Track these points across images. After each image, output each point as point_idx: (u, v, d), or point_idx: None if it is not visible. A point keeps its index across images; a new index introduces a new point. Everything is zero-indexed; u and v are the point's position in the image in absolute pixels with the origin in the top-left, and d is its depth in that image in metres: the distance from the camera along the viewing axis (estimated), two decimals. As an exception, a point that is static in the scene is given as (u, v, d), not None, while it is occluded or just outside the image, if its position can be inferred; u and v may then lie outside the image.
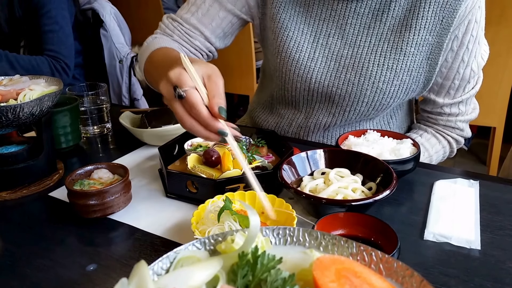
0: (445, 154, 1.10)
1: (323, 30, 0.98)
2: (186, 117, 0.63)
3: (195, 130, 0.64)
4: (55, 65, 1.75)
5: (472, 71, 0.98)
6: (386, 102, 0.97)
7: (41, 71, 1.72)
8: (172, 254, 0.38)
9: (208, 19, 1.05)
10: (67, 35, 1.80)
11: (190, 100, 0.61)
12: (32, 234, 0.74)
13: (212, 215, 0.66)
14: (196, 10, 1.05)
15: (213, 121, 0.62)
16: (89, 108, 1.12)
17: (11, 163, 0.85)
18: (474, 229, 0.70)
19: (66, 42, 1.79)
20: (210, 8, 1.04)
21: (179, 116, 0.64)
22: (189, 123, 0.63)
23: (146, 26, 2.82)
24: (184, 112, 0.63)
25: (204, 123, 0.62)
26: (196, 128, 0.63)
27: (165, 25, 1.09)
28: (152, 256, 0.66)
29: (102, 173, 0.80)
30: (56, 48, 1.76)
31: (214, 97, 0.62)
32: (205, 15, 1.05)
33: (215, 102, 0.62)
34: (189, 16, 1.06)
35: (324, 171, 0.79)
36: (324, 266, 0.36)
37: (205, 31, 1.06)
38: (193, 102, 0.61)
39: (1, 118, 0.79)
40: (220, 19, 1.05)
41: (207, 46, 1.08)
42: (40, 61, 1.73)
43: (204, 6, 1.05)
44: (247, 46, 2.36)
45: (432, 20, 0.91)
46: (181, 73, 0.63)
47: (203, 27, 1.05)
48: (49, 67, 1.74)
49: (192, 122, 0.63)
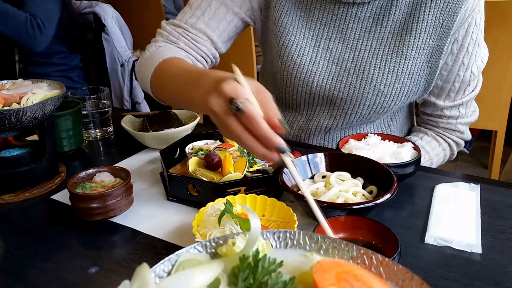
0: (446, 156, 1.10)
1: (325, 34, 0.99)
2: (244, 133, 0.57)
3: (254, 147, 0.58)
4: (31, 20, 1.77)
5: (472, 74, 0.99)
6: (388, 105, 0.98)
7: (17, 20, 1.75)
8: (174, 256, 0.39)
9: (215, 23, 1.02)
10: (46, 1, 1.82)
11: (249, 112, 0.56)
12: (34, 237, 0.74)
13: (213, 218, 0.66)
14: (202, 14, 1.02)
15: (273, 135, 0.56)
16: (91, 112, 1.13)
17: (14, 166, 0.86)
18: (475, 233, 0.70)
19: (45, 6, 1.81)
20: (216, 11, 1.02)
21: (236, 132, 0.58)
22: (249, 139, 0.57)
23: (148, 30, 2.82)
24: (241, 128, 0.57)
25: (264, 137, 0.56)
26: (255, 146, 0.57)
27: (168, 32, 1.04)
28: (154, 259, 0.67)
29: (104, 176, 0.80)
30: (34, 8, 1.78)
31: (271, 109, 0.58)
32: (212, 18, 1.02)
33: (273, 115, 0.57)
34: (195, 20, 1.03)
35: (324, 175, 0.79)
36: (324, 269, 0.36)
37: (212, 35, 1.03)
38: (252, 114, 0.56)
39: (4, 122, 0.80)
40: (227, 22, 1.03)
41: (213, 52, 1.05)
42: (18, 12, 1.75)
43: (210, 10, 1.02)
44: (248, 50, 2.36)
45: (433, 23, 0.91)
46: (236, 85, 0.58)
47: (210, 31, 1.03)
48: (25, 19, 1.76)
49: (251, 139, 0.57)
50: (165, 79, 0.88)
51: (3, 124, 0.80)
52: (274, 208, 0.72)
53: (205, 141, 0.95)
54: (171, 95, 0.86)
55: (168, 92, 0.88)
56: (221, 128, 0.61)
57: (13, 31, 1.75)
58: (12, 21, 1.74)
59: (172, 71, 0.87)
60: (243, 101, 0.56)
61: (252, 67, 2.44)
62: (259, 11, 1.04)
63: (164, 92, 0.90)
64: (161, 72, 0.90)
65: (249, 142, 0.57)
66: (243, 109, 0.55)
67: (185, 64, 0.87)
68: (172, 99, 0.88)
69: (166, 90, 0.89)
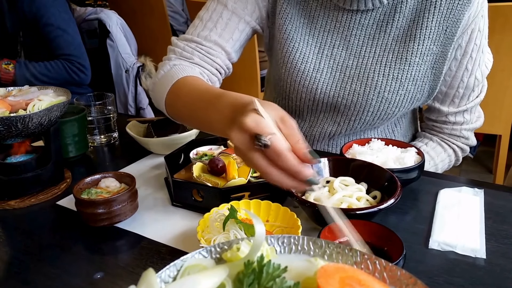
0: (451, 162, 1.10)
1: (328, 41, 0.99)
2: (271, 168, 0.55)
3: (282, 182, 0.56)
4: (70, 67, 1.80)
5: (476, 80, 0.99)
6: (391, 111, 0.98)
7: (60, 75, 1.78)
8: (179, 262, 0.39)
9: (228, 33, 1.01)
10: (72, 36, 1.83)
11: (277, 148, 0.54)
12: (40, 242, 0.75)
13: (218, 224, 0.67)
14: (214, 26, 1.00)
15: (302, 168, 0.54)
16: (96, 118, 1.13)
17: (20, 172, 0.86)
18: (479, 238, 0.70)
19: (73, 43, 1.82)
20: (228, 22, 1.00)
21: (263, 168, 0.56)
22: (276, 174, 0.55)
23: (152, 36, 2.85)
24: (267, 164, 0.55)
25: (293, 171, 0.54)
26: (283, 180, 0.56)
27: (181, 49, 1.00)
28: (158, 264, 0.67)
29: (109, 182, 0.81)
30: (66, 51, 1.80)
31: (298, 142, 0.56)
32: (225, 29, 1.00)
33: (301, 147, 0.55)
34: (208, 33, 1.00)
35: (328, 180, 0.79)
36: (328, 274, 0.36)
37: (226, 46, 1.01)
38: (280, 150, 0.54)
39: (10, 128, 0.81)
40: (240, 31, 1.02)
41: (227, 63, 1.03)
42: (56, 65, 1.78)
43: (222, 21, 1.00)
44: (252, 55, 2.37)
45: (436, 30, 0.92)
46: (258, 119, 0.56)
47: (224, 42, 1.01)
48: (65, 69, 1.78)
49: (280, 174, 0.55)
50: (180, 100, 0.87)
51: (10, 130, 0.81)
52: (278, 213, 0.72)
53: (209, 146, 0.96)
54: (187, 116, 0.85)
55: (184, 113, 0.86)
56: (246, 163, 0.60)
57: (61, 81, 1.80)
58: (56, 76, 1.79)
59: (187, 91, 0.85)
60: (270, 137, 0.54)
61: (256, 72, 2.44)
62: (267, 19, 1.05)
63: (180, 114, 0.89)
64: (176, 92, 0.88)
65: (277, 177, 0.56)
66: (270, 145, 0.54)
67: (201, 84, 0.85)
68: (189, 120, 0.87)
69: (181, 112, 0.87)
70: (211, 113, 0.69)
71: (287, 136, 0.56)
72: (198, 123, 0.80)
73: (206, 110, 0.72)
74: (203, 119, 0.75)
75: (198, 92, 0.81)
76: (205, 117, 0.73)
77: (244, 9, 1.01)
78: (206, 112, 0.72)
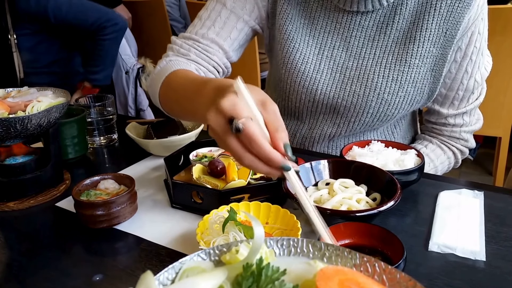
0: (450, 165, 1.10)
1: (328, 42, 0.99)
2: (244, 153, 0.55)
3: (255, 167, 0.55)
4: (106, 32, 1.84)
5: (476, 82, 0.99)
6: (391, 113, 0.98)
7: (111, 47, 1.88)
8: (178, 264, 0.39)
9: (226, 32, 1.02)
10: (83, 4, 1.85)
11: (250, 134, 0.53)
12: (39, 244, 0.75)
13: (217, 226, 0.67)
14: (213, 24, 1.02)
15: (275, 155, 0.54)
16: (96, 119, 1.13)
17: (19, 174, 0.86)
18: (479, 240, 0.70)
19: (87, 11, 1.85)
20: (227, 21, 1.02)
21: (236, 153, 0.55)
22: (249, 160, 0.55)
23: (153, 38, 2.86)
24: (241, 148, 0.55)
25: (266, 158, 0.54)
26: (257, 165, 0.55)
27: (179, 46, 1.02)
28: (158, 267, 0.67)
29: (109, 184, 0.81)
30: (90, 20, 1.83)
31: (277, 130, 0.55)
32: (223, 28, 1.02)
33: (279, 137, 0.55)
34: (205, 31, 1.02)
35: (328, 182, 0.79)
36: (327, 277, 0.36)
37: (224, 44, 1.02)
38: (253, 136, 0.53)
39: (9, 130, 0.81)
40: (238, 31, 1.03)
41: (224, 61, 1.04)
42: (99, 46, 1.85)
43: (220, 19, 1.02)
44: (252, 57, 2.37)
45: (436, 32, 0.92)
46: (235, 102, 0.55)
47: (222, 40, 1.02)
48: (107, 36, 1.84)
49: (253, 159, 0.55)
50: (171, 90, 0.87)
51: (9, 131, 0.81)
52: (277, 215, 0.72)
53: (209, 148, 0.96)
54: (177, 107, 0.85)
55: (174, 104, 0.87)
56: (221, 146, 0.59)
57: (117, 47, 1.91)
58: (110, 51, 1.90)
59: (177, 82, 0.86)
60: (244, 122, 0.53)
61: (256, 74, 2.45)
62: (267, 19, 1.05)
63: (171, 105, 0.89)
64: (168, 84, 0.89)
65: (250, 162, 0.55)
66: (243, 130, 0.53)
67: (191, 75, 0.85)
68: (178, 111, 0.87)
69: (172, 102, 0.88)
70: (196, 100, 0.67)
71: (267, 121, 0.56)
72: (185, 112, 0.79)
73: (192, 98, 0.71)
74: (189, 107, 0.74)
75: (188, 82, 0.81)
76: (190, 105, 0.71)
77: (243, 8, 1.02)
78: (192, 100, 0.70)
